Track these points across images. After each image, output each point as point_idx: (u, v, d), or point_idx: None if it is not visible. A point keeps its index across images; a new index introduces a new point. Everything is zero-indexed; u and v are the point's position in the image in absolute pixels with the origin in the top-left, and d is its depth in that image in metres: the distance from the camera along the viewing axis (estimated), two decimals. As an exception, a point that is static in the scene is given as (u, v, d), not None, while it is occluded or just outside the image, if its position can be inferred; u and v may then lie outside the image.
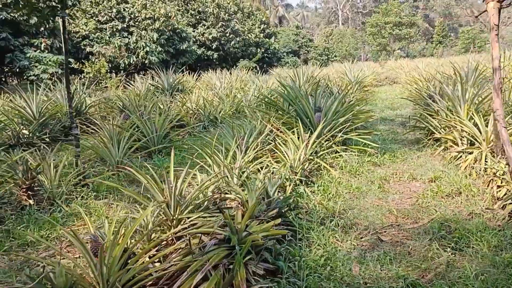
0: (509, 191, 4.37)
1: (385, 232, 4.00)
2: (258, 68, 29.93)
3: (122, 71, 25.60)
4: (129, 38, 25.60)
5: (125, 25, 26.17)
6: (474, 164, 5.44)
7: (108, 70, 21.33)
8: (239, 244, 2.91)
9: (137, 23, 26.20)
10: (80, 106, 10.56)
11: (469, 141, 5.93)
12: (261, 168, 5.50)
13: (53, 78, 21.47)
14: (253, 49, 37.29)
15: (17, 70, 22.03)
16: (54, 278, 2.65)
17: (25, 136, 8.84)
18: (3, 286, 3.32)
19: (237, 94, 11.99)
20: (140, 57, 25.28)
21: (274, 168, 5.42)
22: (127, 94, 12.43)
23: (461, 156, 5.85)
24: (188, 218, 3.92)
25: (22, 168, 5.00)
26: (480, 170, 5.28)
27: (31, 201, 5.02)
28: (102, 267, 2.84)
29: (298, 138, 6.06)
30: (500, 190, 4.53)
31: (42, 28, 22.37)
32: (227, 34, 33.45)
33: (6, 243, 4.14)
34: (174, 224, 3.93)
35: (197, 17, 33.62)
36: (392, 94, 15.79)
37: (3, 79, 24.05)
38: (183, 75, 17.42)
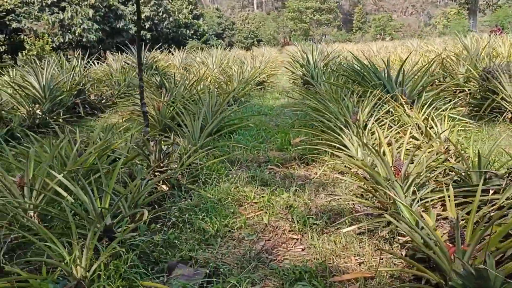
0: None
1: None
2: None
3: (56, 50, 23.36)
4: (62, 14, 23.36)
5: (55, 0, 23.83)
6: None
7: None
8: None
9: (69, -3, 23.98)
10: (83, 85, 9.26)
11: None
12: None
13: None
14: (183, 30, 36.02)
15: None
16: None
17: (38, 116, 7.60)
18: None
19: (244, 73, 11.35)
20: (76, 34, 23.19)
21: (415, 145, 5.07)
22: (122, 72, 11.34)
23: None
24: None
25: (157, 149, 4.17)
26: None
27: (164, 187, 4.21)
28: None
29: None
30: None
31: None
32: (160, 14, 31.92)
33: (204, 236, 3.39)
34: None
35: (127, -7, 31.64)
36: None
37: None
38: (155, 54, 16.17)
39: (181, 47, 28.29)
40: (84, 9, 23.52)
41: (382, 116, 5.69)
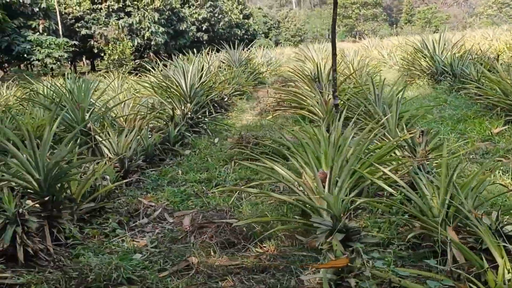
0: None
1: None
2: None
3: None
4: (130, 19, 23.43)
5: (121, 5, 23.89)
6: None
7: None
8: None
9: (134, 2, 23.93)
10: (213, 84, 9.04)
11: None
12: None
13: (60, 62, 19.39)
14: (236, 30, 35.89)
15: (16, 54, 19.55)
16: None
17: (188, 116, 7.39)
18: None
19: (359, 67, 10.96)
20: (145, 38, 23.27)
21: None
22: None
23: None
24: None
25: (424, 140, 3.81)
26: None
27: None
28: None
29: None
30: None
31: (37, 9, 20.00)
32: (216, 15, 31.84)
33: None
34: None
35: (184, -4, 31.66)
36: None
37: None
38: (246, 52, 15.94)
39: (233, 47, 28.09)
40: (150, 13, 23.55)
41: None
